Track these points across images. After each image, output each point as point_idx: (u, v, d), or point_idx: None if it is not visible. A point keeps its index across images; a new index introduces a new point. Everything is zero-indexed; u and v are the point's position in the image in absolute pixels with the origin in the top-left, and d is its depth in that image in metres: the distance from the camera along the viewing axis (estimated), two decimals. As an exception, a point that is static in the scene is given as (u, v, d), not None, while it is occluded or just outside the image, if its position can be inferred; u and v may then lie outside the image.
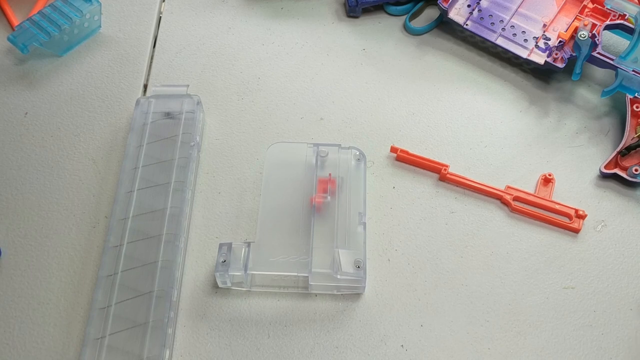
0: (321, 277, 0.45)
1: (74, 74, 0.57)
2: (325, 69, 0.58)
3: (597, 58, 0.54)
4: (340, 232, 0.46)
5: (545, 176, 0.51)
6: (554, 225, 0.50)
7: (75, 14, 0.56)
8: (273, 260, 0.45)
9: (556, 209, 0.50)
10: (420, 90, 0.57)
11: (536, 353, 0.45)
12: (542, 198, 0.51)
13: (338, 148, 0.50)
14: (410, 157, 0.52)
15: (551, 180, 0.51)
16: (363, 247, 0.46)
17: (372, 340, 0.45)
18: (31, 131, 0.54)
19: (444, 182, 0.52)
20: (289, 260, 0.45)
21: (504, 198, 0.51)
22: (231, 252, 0.45)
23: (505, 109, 0.56)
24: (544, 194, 0.51)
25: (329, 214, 0.47)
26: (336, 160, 0.50)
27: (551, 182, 0.51)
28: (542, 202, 0.50)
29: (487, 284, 0.48)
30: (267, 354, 0.44)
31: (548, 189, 0.51)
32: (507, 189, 0.51)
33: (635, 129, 0.53)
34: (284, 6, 0.62)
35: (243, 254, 0.45)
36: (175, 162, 0.50)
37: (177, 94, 0.53)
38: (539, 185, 0.51)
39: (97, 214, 0.50)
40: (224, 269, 0.44)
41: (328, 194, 0.48)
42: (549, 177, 0.51)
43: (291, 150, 0.50)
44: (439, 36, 0.61)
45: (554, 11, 0.57)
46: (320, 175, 0.49)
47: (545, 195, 0.51)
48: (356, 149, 0.51)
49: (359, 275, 0.45)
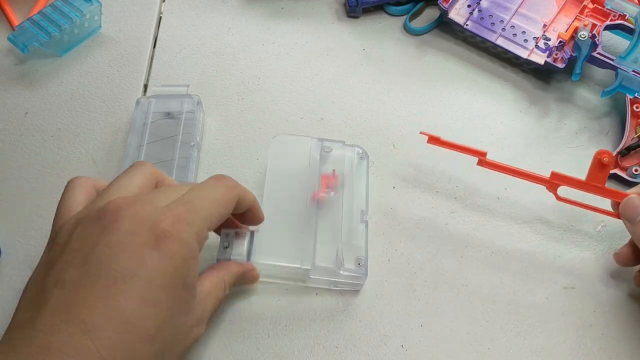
0: (323, 271, 0.45)
1: (74, 74, 0.57)
2: (325, 69, 0.58)
3: (597, 58, 0.54)
4: (343, 229, 0.46)
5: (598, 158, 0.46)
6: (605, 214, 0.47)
7: (76, 14, 0.56)
8: (276, 250, 0.45)
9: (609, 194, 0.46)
10: (420, 90, 0.57)
11: (536, 353, 0.45)
12: (593, 185, 0.46)
13: (342, 145, 0.50)
14: (444, 143, 0.48)
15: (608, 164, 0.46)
16: (365, 245, 0.46)
17: (372, 340, 0.45)
18: (31, 131, 0.54)
19: (481, 167, 0.49)
20: (292, 251, 0.45)
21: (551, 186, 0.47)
22: (234, 239, 0.44)
23: (505, 109, 0.56)
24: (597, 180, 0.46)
25: (331, 210, 0.47)
26: (339, 157, 0.50)
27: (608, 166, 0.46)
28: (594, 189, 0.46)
29: (487, 284, 0.48)
30: (267, 354, 0.44)
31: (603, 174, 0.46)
32: (552, 176, 0.47)
33: (635, 129, 0.53)
34: (284, 6, 0.62)
35: (246, 242, 0.45)
36: (175, 162, 0.50)
37: (177, 94, 0.53)
38: (592, 170, 0.46)
39: (97, 214, 0.50)
40: (227, 255, 0.44)
41: (331, 190, 0.48)
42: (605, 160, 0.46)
43: (295, 143, 0.50)
44: (439, 36, 0.61)
45: (554, 11, 0.57)
46: (323, 171, 0.49)
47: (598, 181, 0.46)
48: (359, 147, 0.51)
49: (360, 272, 0.45)
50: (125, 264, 0.33)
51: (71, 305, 0.32)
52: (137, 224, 0.34)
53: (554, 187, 0.47)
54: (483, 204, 0.51)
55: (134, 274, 0.33)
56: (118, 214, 0.35)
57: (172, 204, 0.37)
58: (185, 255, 0.35)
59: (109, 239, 0.34)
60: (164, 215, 0.35)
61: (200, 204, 0.37)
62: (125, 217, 0.35)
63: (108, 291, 0.32)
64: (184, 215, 0.36)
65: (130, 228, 0.34)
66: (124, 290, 0.33)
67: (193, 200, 0.37)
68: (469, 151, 0.48)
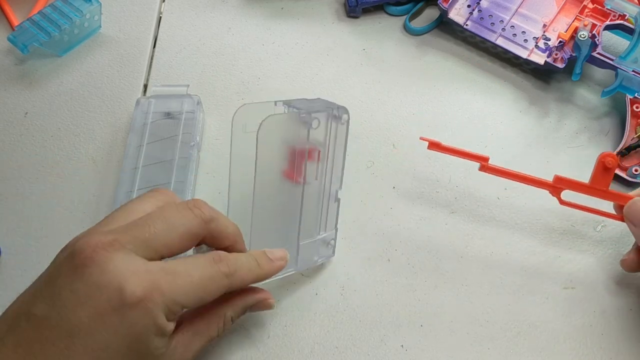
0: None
1: (74, 74, 0.57)
2: (325, 69, 0.58)
3: (597, 58, 0.54)
4: (318, 215, 0.43)
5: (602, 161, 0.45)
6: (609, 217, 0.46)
7: (75, 14, 0.56)
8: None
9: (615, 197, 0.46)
10: (420, 90, 0.57)
11: (536, 353, 0.45)
12: (597, 188, 0.46)
13: (314, 104, 0.42)
14: (445, 148, 0.47)
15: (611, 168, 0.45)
16: (335, 223, 0.45)
17: (372, 340, 0.45)
18: (31, 131, 0.54)
19: (484, 172, 0.48)
20: None
21: (554, 190, 0.47)
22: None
23: (505, 109, 0.56)
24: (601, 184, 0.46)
25: (307, 190, 0.42)
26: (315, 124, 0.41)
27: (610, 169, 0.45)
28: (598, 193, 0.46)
29: (487, 284, 0.48)
30: (267, 354, 0.44)
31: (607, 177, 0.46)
32: (556, 180, 0.47)
33: (635, 129, 0.53)
34: (284, 6, 0.62)
35: None
36: (175, 162, 0.50)
37: (177, 94, 0.53)
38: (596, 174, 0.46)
39: (98, 214, 0.50)
40: None
41: (304, 167, 0.42)
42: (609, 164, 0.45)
43: (261, 111, 0.41)
44: (439, 36, 0.61)
45: (554, 11, 0.57)
46: (294, 145, 0.41)
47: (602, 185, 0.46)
48: (337, 106, 0.43)
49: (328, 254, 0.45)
50: (85, 318, 0.32)
51: (31, 348, 0.32)
52: (107, 277, 0.32)
53: (558, 191, 0.47)
54: (483, 204, 0.51)
55: (91, 332, 0.32)
56: (92, 259, 0.33)
57: (156, 266, 0.34)
58: (147, 328, 0.33)
59: (77, 285, 0.32)
60: (138, 278, 0.33)
61: (184, 280, 0.34)
62: (97, 264, 0.32)
63: (64, 347, 0.31)
64: (160, 284, 0.33)
65: (99, 281, 0.32)
66: (77, 350, 0.31)
67: (180, 272, 0.34)
68: (470, 156, 0.47)
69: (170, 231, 0.35)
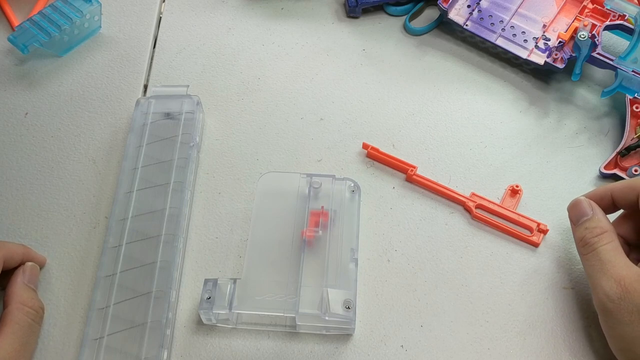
0: (309, 318, 0.43)
1: (74, 74, 0.57)
2: (325, 69, 0.58)
3: (596, 58, 0.54)
4: (331, 269, 0.44)
5: (512, 187, 0.51)
6: (513, 236, 0.49)
7: (76, 14, 0.56)
8: (259, 298, 0.43)
9: (519, 221, 0.49)
10: (420, 91, 0.57)
11: (536, 353, 0.45)
12: (505, 208, 0.50)
13: (332, 179, 0.49)
14: (381, 155, 0.52)
15: (519, 192, 0.50)
16: (354, 286, 0.44)
17: (372, 341, 0.45)
18: (31, 131, 0.54)
19: (410, 183, 0.51)
20: (275, 299, 0.43)
21: (467, 205, 0.50)
22: (217, 289, 0.43)
23: (505, 109, 0.56)
24: (509, 205, 0.50)
25: (320, 249, 0.45)
26: (329, 192, 0.48)
27: (518, 194, 0.50)
28: (506, 213, 0.50)
29: (487, 284, 0.48)
30: (267, 354, 0.44)
31: (514, 201, 0.50)
32: (471, 196, 0.51)
33: (635, 130, 0.53)
34: (284, 6, 0.62)
35: (228, 291, 0.43)
36: (174, 163, 0.50)
37: (177, 95, 0.53)
38: (506, 196, 0.51)
39: (97, 214, 0.50)
40: (209, 306, 0.43)
41: (320, 228, 0.46)
42: (517, 188, 0.50)
43: (283, 180, 0.49)
44: (439, 36, 0.61)
45: (553, 11, 0.57)
46: (312, 208, 0.47)
47: (510, 206, 0.50)
48: (351, 180, 0.49)
49: (348, 317, 0.42)
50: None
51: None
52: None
53: (472, 206, 0.50)
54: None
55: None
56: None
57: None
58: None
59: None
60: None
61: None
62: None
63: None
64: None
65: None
66: None
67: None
68: (401, 164, 0.51)
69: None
